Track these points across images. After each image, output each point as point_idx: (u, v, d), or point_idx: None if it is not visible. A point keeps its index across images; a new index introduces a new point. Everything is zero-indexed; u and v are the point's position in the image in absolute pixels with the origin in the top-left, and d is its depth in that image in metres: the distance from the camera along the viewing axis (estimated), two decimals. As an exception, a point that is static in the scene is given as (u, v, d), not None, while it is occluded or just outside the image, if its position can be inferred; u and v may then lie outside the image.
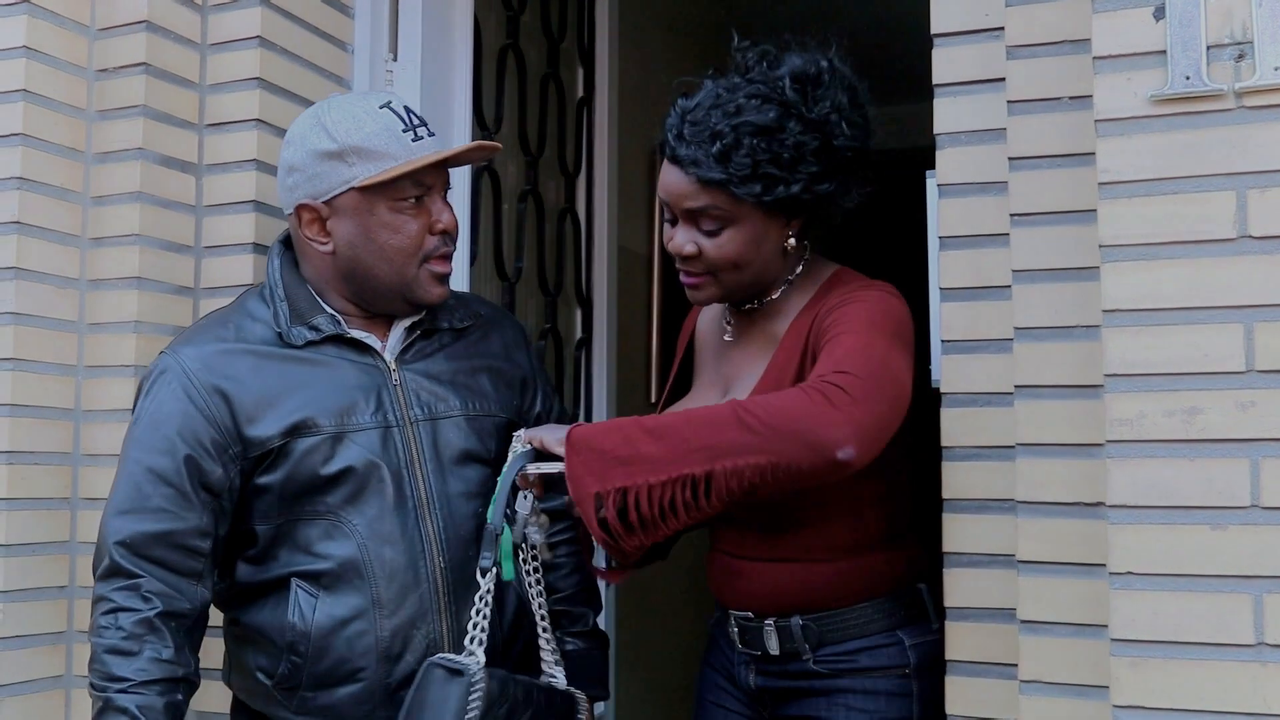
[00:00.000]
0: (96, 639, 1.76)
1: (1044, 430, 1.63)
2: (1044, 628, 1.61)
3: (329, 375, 1.84)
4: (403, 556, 1.81)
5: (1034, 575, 1.63)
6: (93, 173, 2.20)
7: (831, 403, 1.57)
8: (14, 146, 2.07)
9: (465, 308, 1.99)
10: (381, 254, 1.83)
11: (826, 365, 1.63)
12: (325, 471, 1.80)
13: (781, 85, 1.74)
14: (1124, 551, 1.45)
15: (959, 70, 1.79)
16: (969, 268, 1.76)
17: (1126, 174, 1.49)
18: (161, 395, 1.81)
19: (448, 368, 1.92)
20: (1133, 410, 1.46)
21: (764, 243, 1.81)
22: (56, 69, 2.14)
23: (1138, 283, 1.47)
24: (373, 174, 1.80)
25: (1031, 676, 1.61)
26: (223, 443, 1.79)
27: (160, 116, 2.22)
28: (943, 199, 1.79)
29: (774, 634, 1.85)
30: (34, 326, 2.08)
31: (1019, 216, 1.67)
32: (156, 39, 2.21)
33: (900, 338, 1.71)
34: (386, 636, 1.79)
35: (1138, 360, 1.46)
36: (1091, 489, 1.59)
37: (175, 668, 1.76)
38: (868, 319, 1.70)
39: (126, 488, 1.79)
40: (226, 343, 1.84)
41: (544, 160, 3.26)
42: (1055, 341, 1.64)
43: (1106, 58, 1.52)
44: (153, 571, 1.77)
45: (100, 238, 2.18)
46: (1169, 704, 1.42)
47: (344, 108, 1.84)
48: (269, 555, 1.83)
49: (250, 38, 2.28)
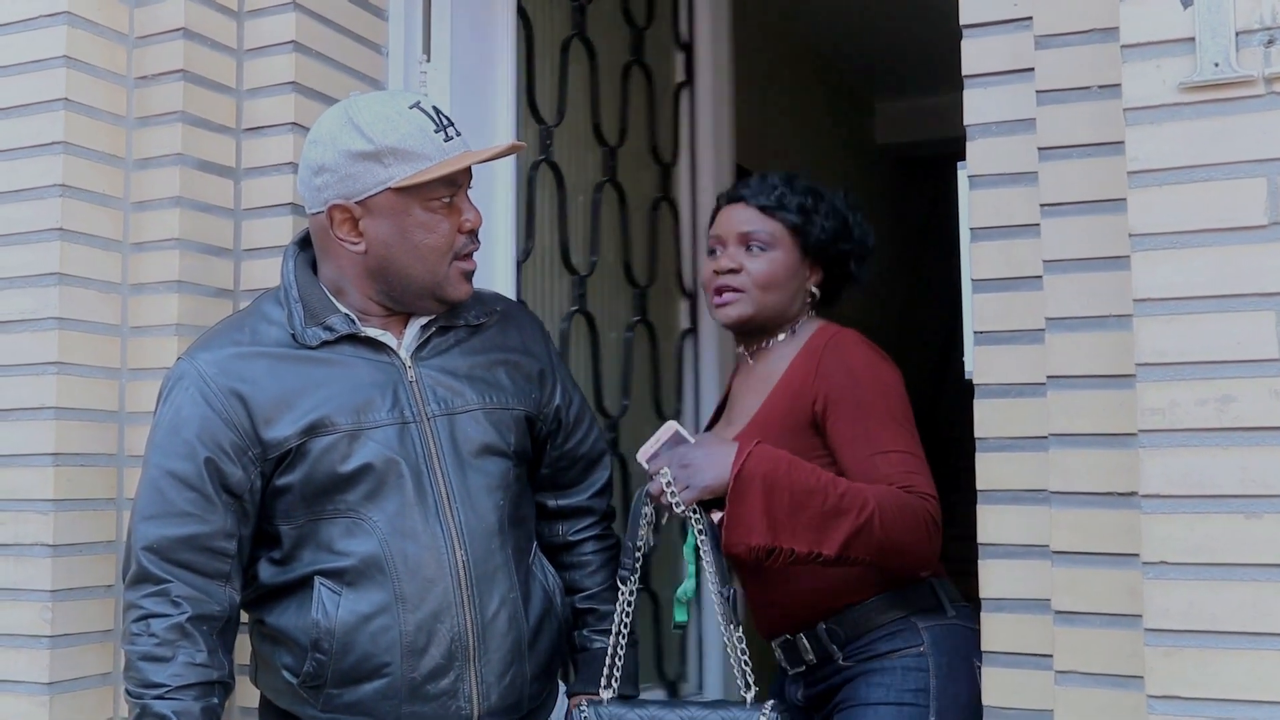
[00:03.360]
0: (129, 646, 1.79)
1: (1077, 420, 1.63)
2: (1079, 618, 1.61)
3: (344, 374, 1.85)
4: (424, 551, 1.81)
5: (1068, 566, 1.62)
6: (133, 179, 2.23)
7: (934, 540, 1.96)
8: (56, 154, 2.11)
9: (481, 303, 1.99)
10: (416, 253, 1.84)
11: (897, 471, 1.97)
12: (343, 469, 1.81)
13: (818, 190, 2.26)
14: (1158, 541, 1.45)
15: (989, 61, 1.79)
16: (1000, 258, 1.76)
17: (1156, 162, 1.48)
18: (179, 400, 1.83)
19: (464, 363, 1.92)
20: (1165, 399, 1.46)
21: (794, 277, 2.19)
22: (96, 77, 2.18)
23: (1169, 271, 1.47)
24: (409, 174, 1.80)
25: (1067, 667, 1.61)
26: (241, 445, 1.81)
27: (198, 122, 2.25)
28: (973, 190, 1.79)
29: (808, 644, 2.11)
30: (78, 331, 2.12)
31: (1049, 206, 1.67)
32: (194, 46, 2.24)
33: (907, 411, 2.07)
34: (410, 631, 1.80)
35: (1170, 349, 1.46)
36: (1125, 479, 1.58)
37: (209, 671, 1.79)
38: (888, 411, 2.03)
39: (150, 493, 1.82)
40: (242, 346, 1.86)
41: (628, 150, 3.20)
42: (1087, 331, 1.63)
43: (1135, 45, 1.51)
44: (181, 576, 1.79)
45: (141, 242, 2.22)
46: (1204, 694, 1.41)
47: (374, 108, 1.85)
48: (293, 556, 1.85)
49: (285, 42, 2.30)
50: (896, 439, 2.00)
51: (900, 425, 2.02)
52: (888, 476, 1.95)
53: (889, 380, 2.07)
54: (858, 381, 2.04)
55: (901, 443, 2.00)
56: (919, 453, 2.01)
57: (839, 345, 2.09)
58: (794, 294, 2.20)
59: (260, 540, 1.88)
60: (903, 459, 1.98)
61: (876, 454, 1.98)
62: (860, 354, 2.08)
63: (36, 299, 2.09)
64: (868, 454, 1.98)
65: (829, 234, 2.20)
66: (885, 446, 1.98)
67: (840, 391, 2.03)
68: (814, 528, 1.87)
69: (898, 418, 2.02)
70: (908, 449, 1.99)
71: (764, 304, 2.17)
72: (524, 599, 1.90)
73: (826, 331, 2.14)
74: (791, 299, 2.19)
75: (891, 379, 2.07)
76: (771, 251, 2.17)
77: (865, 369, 2.06)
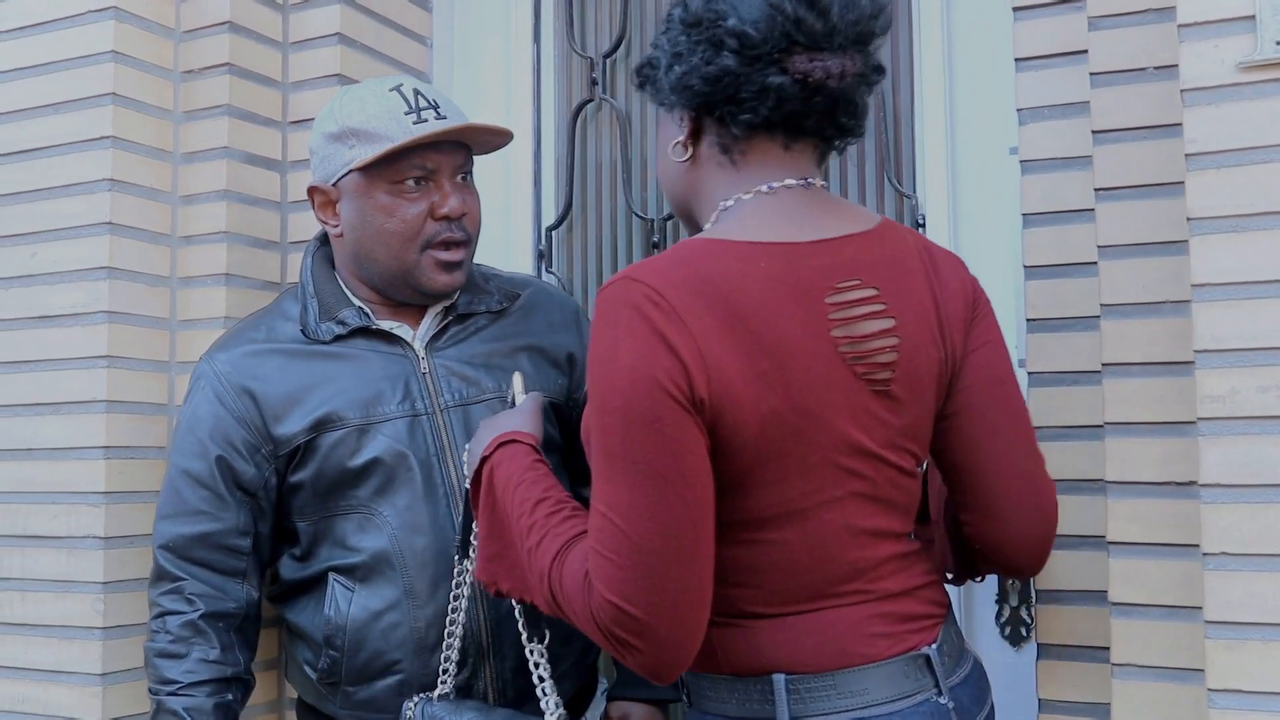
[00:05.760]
0: (148, 643, 1.83)
1: (1133, 409, 1.60)
2: (1136, 610, 1.58)
3: (355, 368, 1.83)
4: (434, 545, 1.78)
5: (1125, 557, 1.59)
6: (180, 172, 2.24)
7: (624, 657, 1.30)
8: (105, 149, 2.12)
9: (502, 289, 1.96)
10: (378, 237, 1.81)
11: (592, 537, 1.29)
12: (353, 464, 1.79)
13: None
14: (1218, 531, 1.42)
15: (1040, 43, 1.76)
16: (1053, 244, 1.73)
17: (1215, 144, 1.45)
18: (195, 400, 1.85)
19: (483, 350, 1.89)
20: (1224, 386, 1.42)
21: (662, 148, 1.49)
22: (143, 72, 2.19)
23: (1228, 255, 1.43)
24: (369, 155, 1.77)
25: (1124, 660, 1.58)
26: (254, 442, 1.81)
27: (244, 115, 2.25)
28: (1025, 175, 1.76)
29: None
30: (127, 324, 2.13)
31: (1104, 191, 1.64)
32: (239, 39, 2.25)
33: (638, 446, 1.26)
34: (421, 627, 1.77)
35: (1229, 335, 1.43)
36: (1183, 468, 1.55)
37: (223, 668, 1.80)
38: (602, 442, 1.29)
39: (167, 493, 1.85)
40: (256, 344, 1.86)
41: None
42: (1143, 318, 1.60)
43: (1192, 25, 1.47)
44: (195, 573, 1.82)
45: (189, 236, 2.23)
46: (1266, 687, 1.38)
47: (355, 91, 1.84)
48: (311, 552, 1.85)
49: (330, 35, 2.31)
50: (602, 490, 1.29)
51: (609, 471, 1.28)
52: (590, 538, 1.31)
53: (619, 390, 1.26)
54: (590, 381, 1.32)
55: (605, 499, 1.28)
56: (624, 523, 1.25)
57: (597, 308, 1.32)
58: (670, 170, 1.48)
59: (282, 537, 1.89)
60: (599, 525, 1.28)
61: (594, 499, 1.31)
62: (605, 335, 1.30)
63: (87, 293, 2.11)
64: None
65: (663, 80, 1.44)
66: (596, 497, 1.30)
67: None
68: (520, 572, 1.44)
69: (609, 457, 1.28)
70: (608, 511, 1.27)
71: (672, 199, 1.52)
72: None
73: (625, 271, 1.33)
74: (672, 180, 1.49)
75: (621, 389, 1.26)
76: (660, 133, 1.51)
77: (598, 363, 1.30)
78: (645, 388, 1.25)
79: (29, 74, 2.20)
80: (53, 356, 2.13)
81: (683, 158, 1.44)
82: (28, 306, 2.16)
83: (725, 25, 1.35)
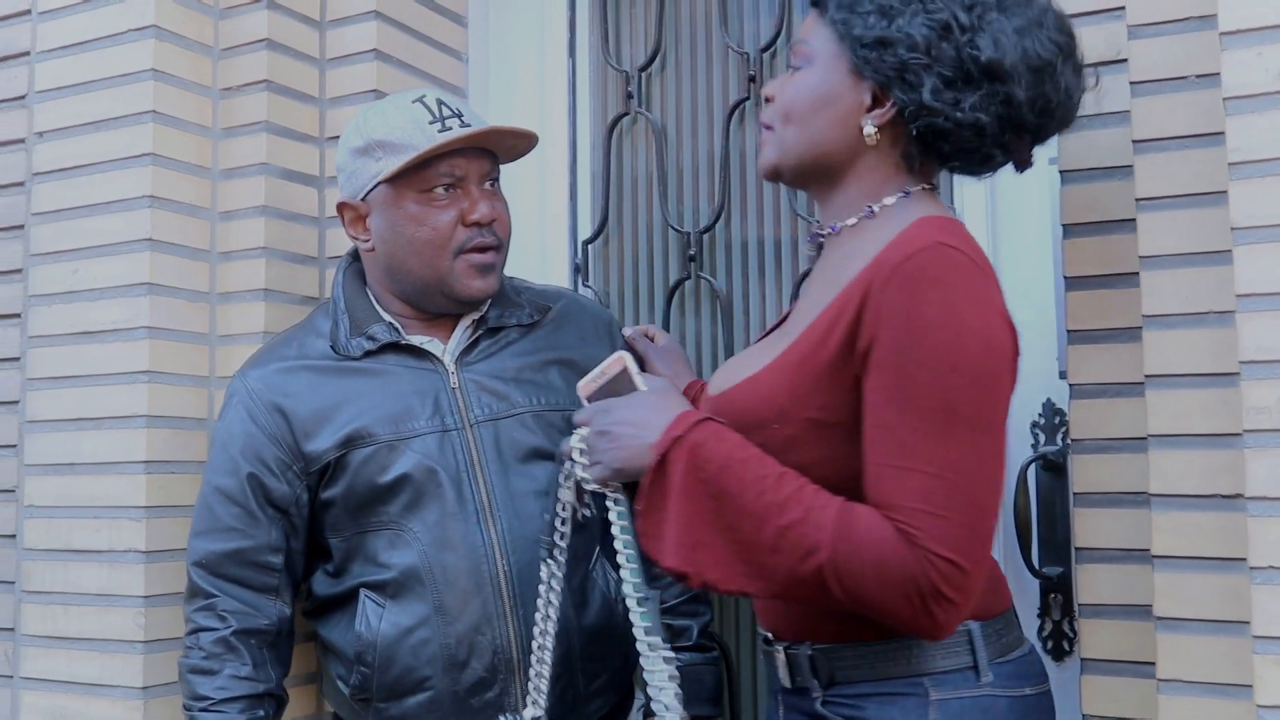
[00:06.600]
0: (182, 659, 1.84)
1: (1177, 420, 1.58)
2: (1182, 625, 1.56)
3: (385, 384, 1.83)
4: (464, 562, 1.78)
5: (1170, 571, 1.57)
6: (219, 189, 2.26)
7: (934, 615, 1.29)
8: (145, 166, 2.14)
9: (533, 302, 1.96)
10: (410, 247, 1.81)
11: (908, 501, 1.29)
12: (383, 480, 1.79)
13: None
14: (1266, 545, 1.40)
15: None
16: (1094, 255, 1.71)
17: (1259, 152, 1.43)
18: (229, 418, 1.86)
19: (514, 364, 1.89)
20: (1271, 397, 1.40)
21: (832, 105, 1.47)
22: (183, 89, 2.21)
23: (1273, 264, 1.41)
24: (395, 166, 1.78)
25: (1170, 675, 1.56)
26: (285, 459, 1.82)
27: (282, 132, 2.27)
28: (1065, 185, 1.75)
29: (784, 663, 1.51)
30: (168, 340, 2.14)
31: (1145, 201, 1.62)
32: (277, 56, 2.27)
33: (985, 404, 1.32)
34: (451, 644, 1.77)
35: (1275, 345, 1.41)
36: (1229, 480, 1.53)
37: (255, 684, 1.81)
38: (941, 404, 1.30)
39: (200, 510, 1.87)
40: (288, 361, 1.87)
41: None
42: (1187, 329, 1.58)
43: (1235, 33, 1.46)
44: (228, 590, 1.83)
45: (228, 251, 2.24)
46: (1318, 703, 1.36)
47: (379, 106, 1.86)
48: (343, 569, 1.85)
49: (366, 51, 2.32)
50: (931, 451, 1.29)
51: (947, 430, 1.29)
52: (890, 504, 1.29)
53: (971, 352, 1.30)
54: (918, 342, 1.30)
55: (935, 459, 1.28)
56: (961, 480, 1.29)
57: (917, 270, 1.32)
58: (831, 129, 1.48)
59: (315, 553, 1.89)
60: (925, 485, 1.28)
61: (892, 465, 1.30)
62: (941, 296, 1.31)
63: (128, 309, 2.12)
64: (883, 459, 1.31)
65: (877, 30, 1.42)
66: (908, 459, 1.29)
67: (888, 350, 1.32)
68: (742, 560, 1.35)
69: (950, 416, 1.29)
70: (940, 470, 1.28)
71: (786, 142, 1.51)
72: (578, 608, 1.83)
73: (917, 235, 1.36)
74: (827, 138, 1.48)
75: (973, 351, 1.30)
76: (806, 69, 1.50)
77: (939, 324, 1.30)
78: (997, 348, 1.34)
79: (70, 93, 2.23)
80: (94, 372, 2.15)
81: (870, 131, 1.47)
82: (70, 323, 2.18)
83: (1017, 94, 1.43)
